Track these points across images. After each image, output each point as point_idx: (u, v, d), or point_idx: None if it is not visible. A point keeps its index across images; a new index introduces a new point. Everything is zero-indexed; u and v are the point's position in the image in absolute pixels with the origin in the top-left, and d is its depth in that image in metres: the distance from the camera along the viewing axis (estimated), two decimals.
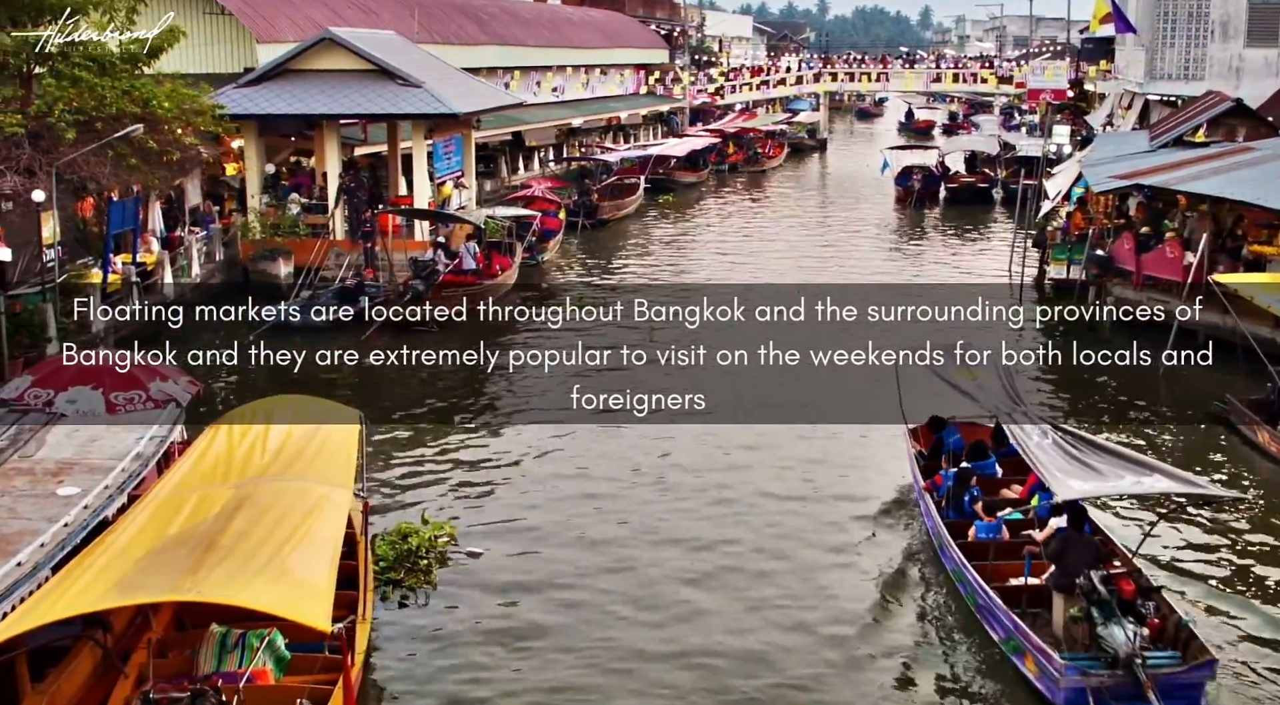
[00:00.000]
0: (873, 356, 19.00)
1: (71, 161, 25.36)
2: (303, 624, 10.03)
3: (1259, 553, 16.89)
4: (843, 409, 23.31)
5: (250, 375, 26.95)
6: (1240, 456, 21.45)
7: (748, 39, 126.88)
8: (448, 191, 40.52)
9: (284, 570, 10.60)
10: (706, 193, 61.74)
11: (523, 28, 61.35)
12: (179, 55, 35.56)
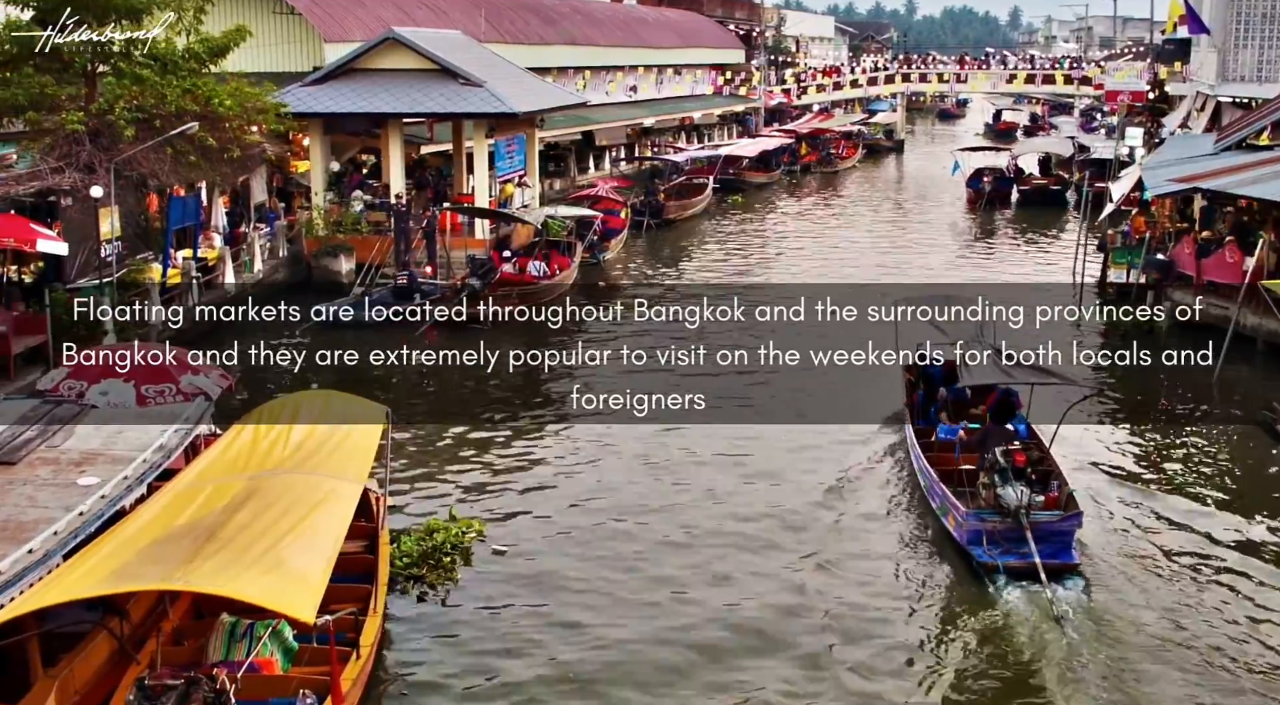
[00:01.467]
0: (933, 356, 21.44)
1: (130, 158, 25.86)
2: (286, 615, 10.15)
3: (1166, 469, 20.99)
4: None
5: (301, 371, 27.24)
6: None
7: (829, 39, 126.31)
8: (510, 190, 40.74)
9: (278, 562, 10.73)
10: (777, 193, 61.50)
11: (595, 27, 61.56)
12: (248, 54, 36.20)
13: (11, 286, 24.56)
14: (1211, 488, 20.12)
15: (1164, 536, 17.64)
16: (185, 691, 10.32)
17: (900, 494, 19.21)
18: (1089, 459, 20.52)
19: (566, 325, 31.86)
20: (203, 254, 30.72)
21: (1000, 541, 15.87)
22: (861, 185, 66.45)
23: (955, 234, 48.86)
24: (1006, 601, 15.14)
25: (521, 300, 31.90)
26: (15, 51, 26.98)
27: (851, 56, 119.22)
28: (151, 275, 27.52)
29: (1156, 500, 19.07)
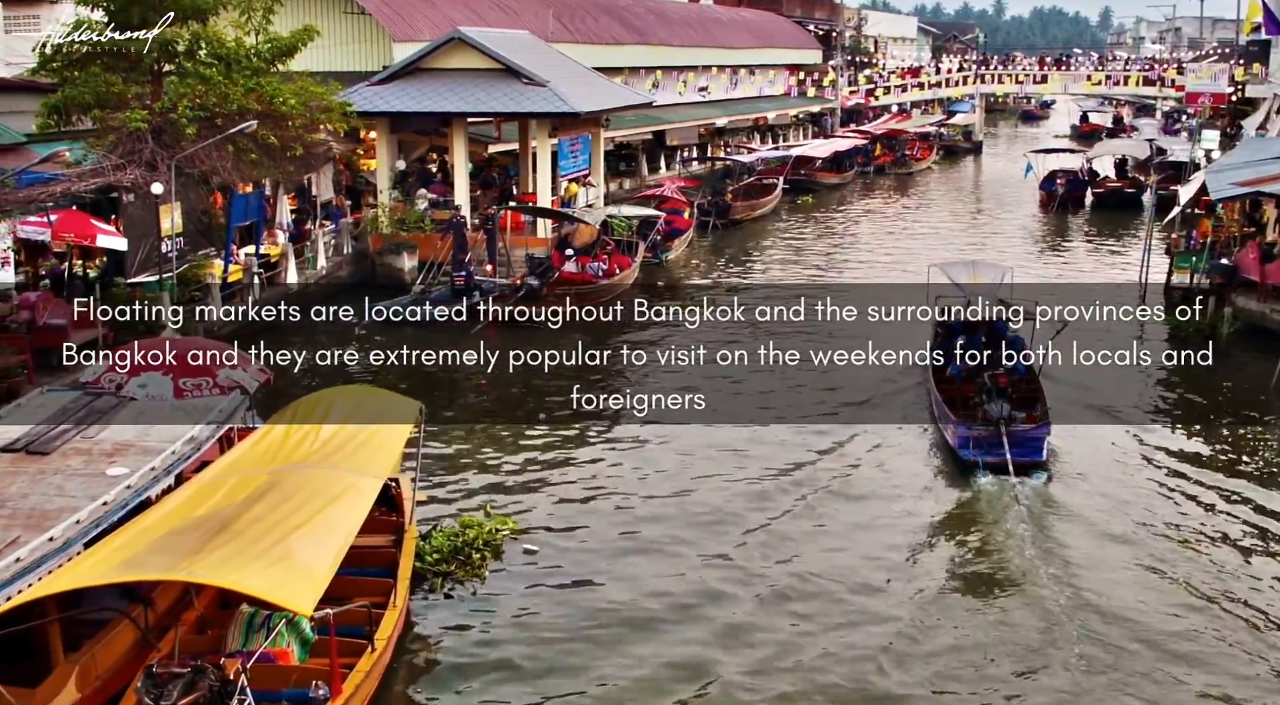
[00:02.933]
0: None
1: (191, 156, 26.30)
2: (283, 607, 10.29)
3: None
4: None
5: (357, 367, 27.56)
6: None
7: (911, 40, 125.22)
8: (574, 189, 40.90)
9: (285, 554, 10.87)
10: (849, 195, 61.15)
11: (668, 27, 61.56)
12: (318, 54, 36.75)
13: (73, 280, 25.08)
14: (1216, 454, 22.00)
15: (1135, 460, 21.45)
16: (192, 680, 10.48)
17: (918, 418, 23.24)
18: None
19: (626, 325, 31.89)
20: (265, 251, 31.15)
21: (983, 445, 19.73)
22: (935, 187, 65.83)
23: (1027, 235, 48.26)
24: (982, 488, 19.33)
25: (580, 299, 32.00)
26: (84, 51, 27.57)
27: (933, 57, 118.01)
28: (212, 271, 27.97)
29: (1149, 443, 22.35)
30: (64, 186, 23.67)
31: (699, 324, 31.72)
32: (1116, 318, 31.45)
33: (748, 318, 32.55)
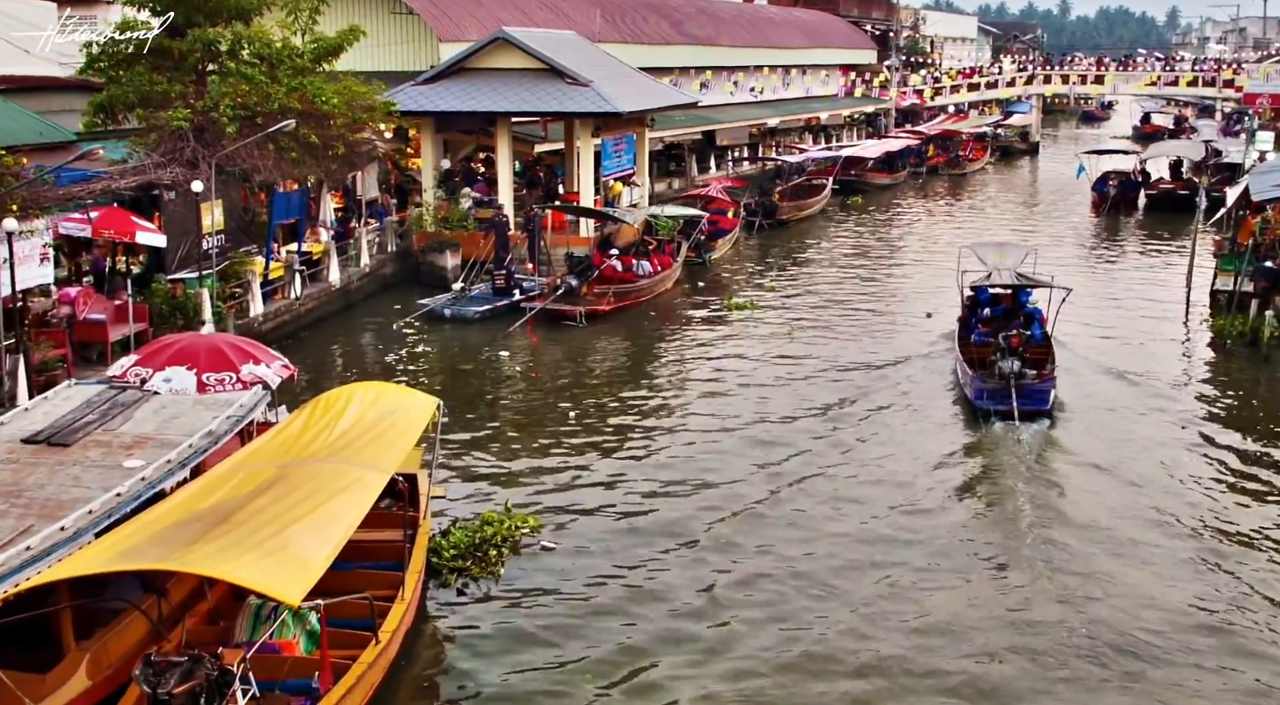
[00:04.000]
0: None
1: (232, 154, 26.63)
2: (270, 597, 10.47)
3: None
4: None
5: (394, 362, 27.87)
6: None
7: (971, 40, 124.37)
8: (618, 189, 41.02)
9: (281, 546, 11.02)
10: (900, 195, 60.86)
11: (719, 27, 61.55)
12: (366, 53, 37.16)
13: (115, 275, 25.50)
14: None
15: (1141, 417, 23.83)
16: (189, 669, 10.65)
17: (944, 377, 26.18)
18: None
19: (665, 323, 32.02)
20: (307, 248, 31.49)
21: (995, 396, 22.73)
22: (988, 188, 65.33)
23: (1077, 237, 47.82)
24: (991, 432, 22.31)
25: (619, 298, 32.16)
26: (130, 51, 28.00)
27: (993, 58, 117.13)
28: (253, 268, 28.30)
29: (1160, 407, 24.42)
30: (104, 184, 24.03)
31: (739, 321, 31.85)
32: (1159, 319, 31.54)
33: (787, 314, 32.77)
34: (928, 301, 33.59)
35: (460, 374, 27.43)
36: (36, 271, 21.60)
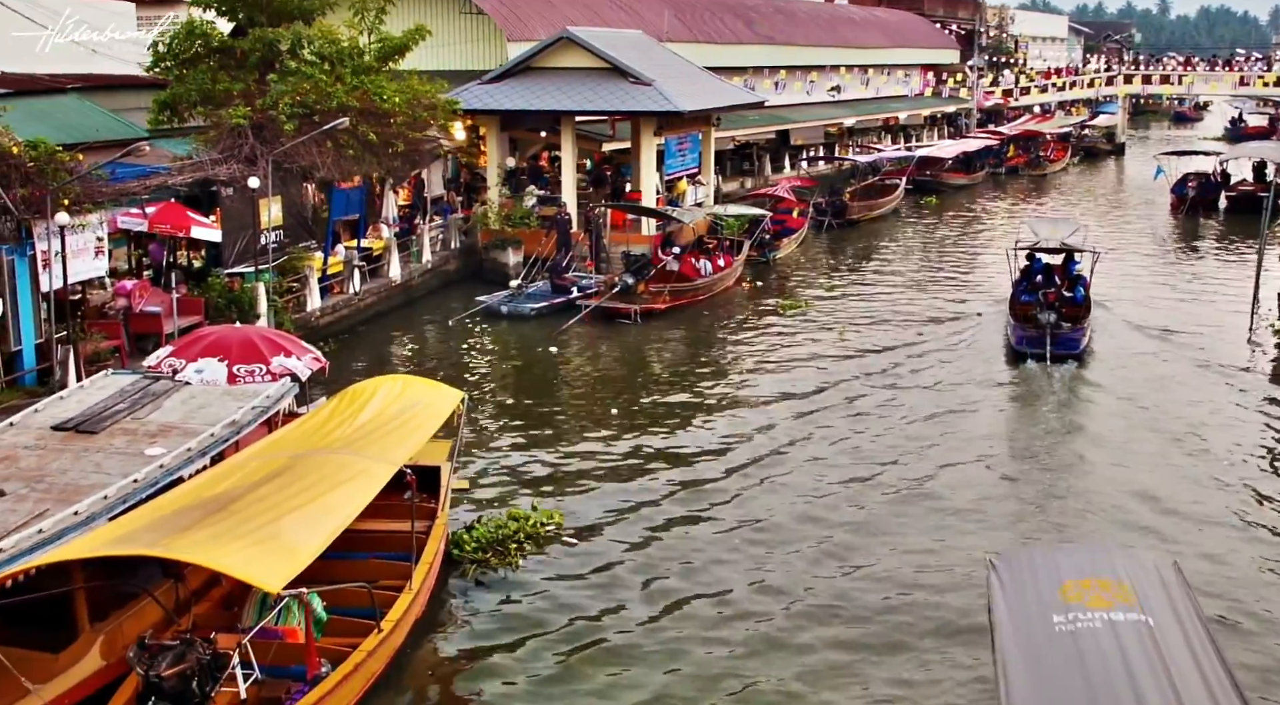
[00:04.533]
0: None
1: (290, 151, 27.12)
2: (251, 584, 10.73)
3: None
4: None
5: (444, 357, 28.24)
6: None
7: (1061, 39, 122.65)
8: (682, 188, 41.09)
9: (272, 534, 11.26)
10: (976, 196, 60.21)
11: (795, 27, 61.35)
12: (435, 53, 37.69)
13: (173, 269, 26.09)
14: None
15: (1165, 366, 27.34)
16: (181, 652, 10.96)
17: (996, 332, 29.74)
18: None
19: (722, 322, 32.04)
20: (368, 244, 31.97)
21: (1033, 342, 26.83)
22: (1068, 189, 64.40)
23: (1153, 238, 47.15)
24: (1027, 370, 26.45)
25: (675, 297, 32.26)
26: (194, 50, 28.65)
27: (1085, 57, 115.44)
28: (311, 263, 28.77)
29: (1194, 368, 27.10)
30: (160, 180, 24.60)
31: (792, 320, 31.81)
32: (1220, 311, 31.30)
33: (842, 312, 32.69)
34: (988, 298, 33.52)
35: (509, 370, 27.71)
36: (91, 264, 22.23)
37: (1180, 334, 30.15)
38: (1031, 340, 26.80)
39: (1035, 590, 10.08)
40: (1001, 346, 28.33)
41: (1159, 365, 27.36)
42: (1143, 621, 9.53)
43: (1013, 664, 9.26)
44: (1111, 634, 9.42)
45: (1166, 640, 9.34)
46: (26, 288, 20.80)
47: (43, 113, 28.04)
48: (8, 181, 19.94)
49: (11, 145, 20.09)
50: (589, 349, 29.30)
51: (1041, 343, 26.51)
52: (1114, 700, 8.67)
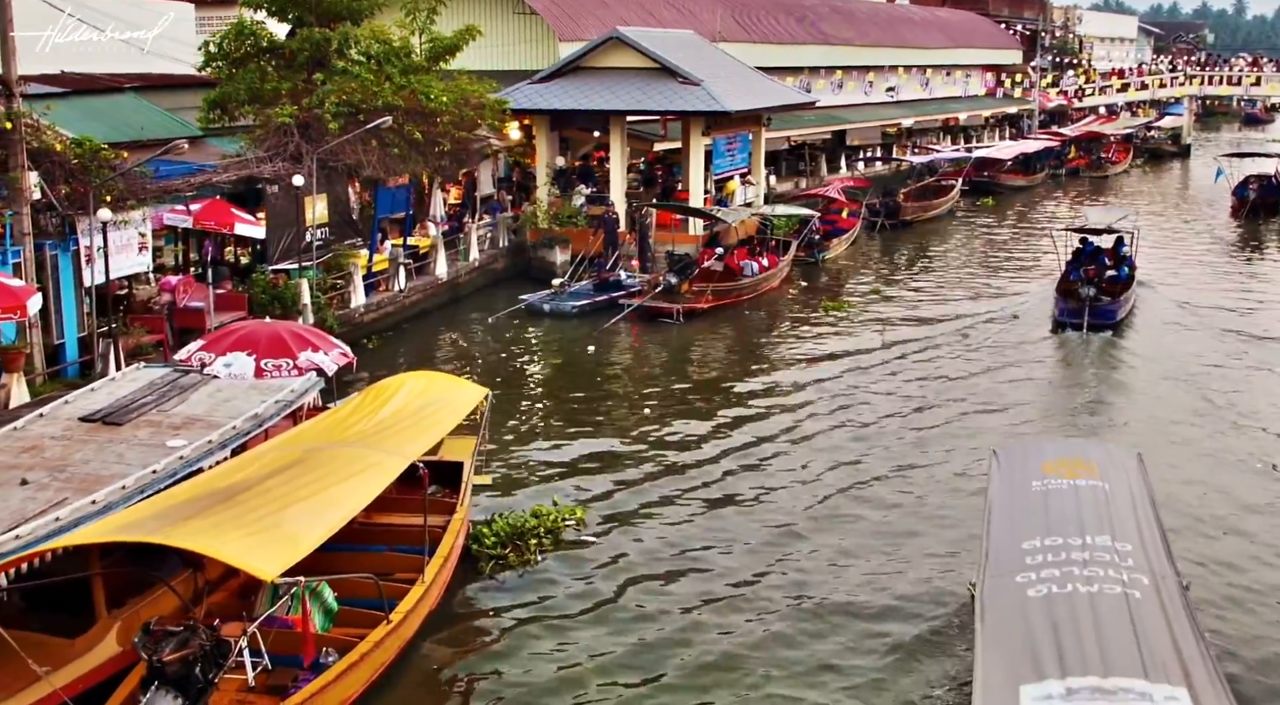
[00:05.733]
0: None
1: (335, 149, 27.51)
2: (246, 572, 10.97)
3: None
4: None
5: (482, 354, 28.51)
6: None
7: (1130, 40, 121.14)
8: (731, 188, 41.16)
9: (274, 524, 11.48)
10: (1035, 198, 59.70)
11: (853, 27, 61.15)
12: (486, 53, 38.06)
13: (218, 265, 26.55)
14: None
15: (1199, 341, 29.77)
16: (184, 638, 11.20)
17: (1045, 307, 32.12)
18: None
19: (766, 322, 32.07)
20: (414, 242, 32.32)
21: (1073, 313, 29.64)
22: (1129, 191, 63.57)
23: (1211, 239, 46.60)
24: (1066, 337, 29.45)
25: (718, 297, 32.32)
26: (244, 50, 29.14)
27: (1155, 58, 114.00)
28: (356, 260, 29.13)
29: (1226, 345, 29.25)
30: (204, 177, 25.04)
31: (835, 320, 31.77)
32: (1268, 310, 31.27)
33: (886, 313, 32.60)
34: (1037, 287, 34.74)
35: (546, 367, 27.95)
36: (134, 260, 22.71)
37: (1220, 312, 32.58)
38: (1072, 311, 29.74)
39: (1023, 467, 13.72)
40: (1048, 319, 30.92)
41: (1192, 339, 29.92)
42: (1100, 485, 12.98)
43: (997, 510, 12.86)
44: (1074, 491, 12.85)
45: (1114, 497, 12.72)
46: (70, 282, 21.30)
47: (99, 111, 28.68)
48: (52, 178, 20.40)
49: (55, 142, 20.53)
50: (628, 348, 29.45)
51: (1081, 314, 29.41)
52: (1063, 525, 12.09)
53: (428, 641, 14.31)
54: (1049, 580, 11.12)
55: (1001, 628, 10.61)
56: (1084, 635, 10.12)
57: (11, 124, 19.49)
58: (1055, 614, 10.50)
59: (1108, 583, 10.98)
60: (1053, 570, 11.27)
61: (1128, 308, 31.11)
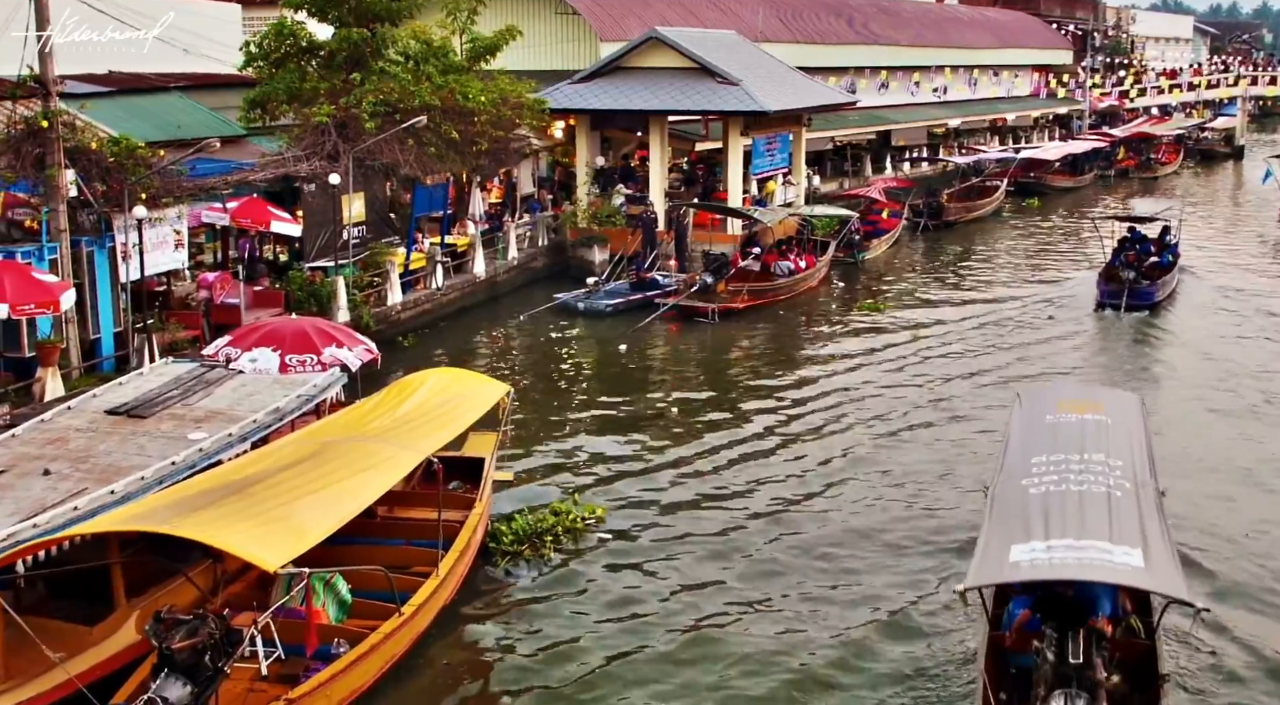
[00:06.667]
0: None
1: (371, 148, 27.79)
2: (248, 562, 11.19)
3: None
4: None
5: (515, 351, 28.73)
6: None
7: (1186, 40, 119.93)
8: (771, 188, 41.14)
9: (282, 516, 11.68)
10: (1082, 199, 59.15)
11: (900, 27, 60.87)
12: (528, 53, 38.30)
13: (255, 262, 26.91)
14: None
15: (1233, 325, 31.62)
16: (194, 627, 11.42)
17: (1089, 292, 33.87)
18: None
19: (795, 323, 32.04)
20: (451, 240, 32.57)
21: (1114, 294, 31.93)
22: (1178, 192, 62.84)
23: (1259, 241, 46.05)
24: (1105, 314, 31.96)
25: (753, 297, 32.35)
26: (283, 50, 29.52)
27: (1210, 58, 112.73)
28: (393, 258, 29.39)
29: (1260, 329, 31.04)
30: (241, 176, 25.39)
31: (870, 321, 31.73)
32: None
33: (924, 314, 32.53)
34: (1072, 298, 34.47)
35: (575, 365, 28.09)
36: (170, 256, 23.07)
37: (1260, 298, 34.34)
38: (1112, 293, 32.10)
39: (1040, 405, 15.91)
40: (1091, 303, 33.00)
41: (1226, 320, 32.06)
42: (1103, 420, 15.03)
43: (1014, 437, 14.99)
44: (1080, 423, 14.86)
45: (1114, 428, 14.79)
46: (106, 278, 21.68)
47: (145, 110, 29.18)
48: (89, 176, 20.78)
49: (92, 141, 20.91)
50: (661, 347, 29.54)
51: (1120, 295, 31.79)
52: (1067, 446, 14.07)
53: (441, 635, 14.47)
54: (1048, 483, 13.21)
55: (1004, 512, 12.86)
56: (1068, 515, 12.35)
57: (48, 123, 19.84)
58: (1048, 503, 12.68)
59: (1096, 484, 13.04)
60: (1052, 476, 13.34)
61: (1167, 291, 33.61)
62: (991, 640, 12.53)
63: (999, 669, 12.13)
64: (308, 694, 11.95)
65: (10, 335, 19.69)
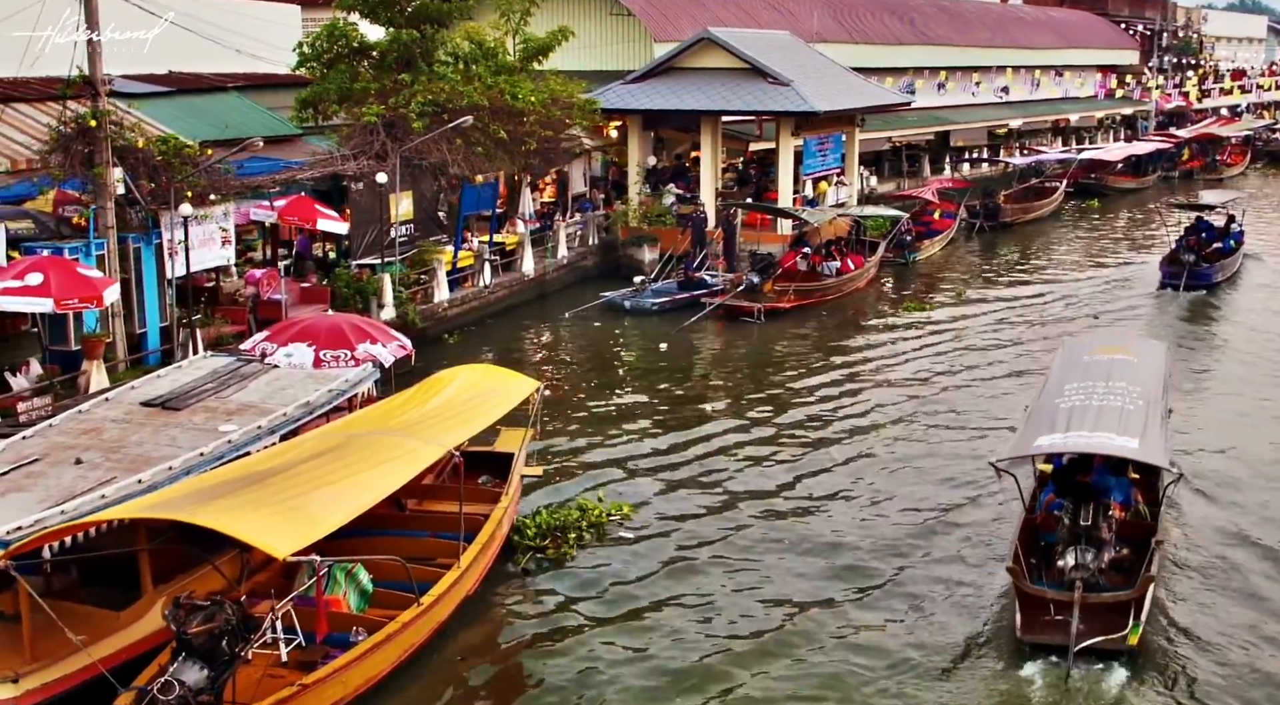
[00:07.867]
0: None
1: (419, 147, 28.13)
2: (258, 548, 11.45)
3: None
4: None
5: (559, 349, 28.96)
6: None
7: (1259, 40, 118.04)
8: (824, 188, 41.09)
9: (298, 506, 11.93)
10: (1143, 200, 58.42)
11: (960, 27, 60.49)
12: (582, 53, 38.61)
13: (302, 259, 27.34)
14: None
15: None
16: (211, 613, 11.70)
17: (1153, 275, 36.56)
18: None
19: (841, 323, 31.96)
20: (502, 239, 32.86)
21: (1173, 275, 34.55)
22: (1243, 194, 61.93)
23: None
24: (1167, 291, 34.67)
25: (800, 296, 32.37)
26: (335, 51, 29.97)
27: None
28: (440, 256, 29.71)
29: None
30: (288, 175, 25.80)
31: (915, 322, 31.63)
32: None
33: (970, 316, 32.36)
34: (1127, 301, 34.66)
35: (618, 363, 28.24)
36: (216, 253, 23.51)
37: None
38: (1173, 274, 34.60)
39: (1078, 349, 19.17)
40: (1154, 285, 35.41)
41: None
42: (1130, 359, 18.07)
43: (1054, 373, 17.99)
44: (1109, 362, 17.84)
45: (1139, 366, 17.76)
46: (152, 274, 22.14)
47: (201, 109, 29.73)
48: (136, 174, 21.23)
49: (139, 139, 21.37)
50: (705, 346, 29.63)
51: (1180, 276, 34.28)
52: (1094, 377, 16.96)
53: (461, 626, 14.67)
54: (1075, 400, 16.22)
55: (1036, 418, 16.15)
56: (1087, 418, 15.52)
57: (96, 122, 20.30)
58: (1072, 411, 15.82)
59: (1113, 401, 16.05)
60: (1079, 396, 16.38)
61: (1228, 273, 36.25)
62: (1026, 521, 15.66)
63: (1031, 541, 15.30)
64: (323, 679, 12.20)
65: (57, 329, 20.16)
